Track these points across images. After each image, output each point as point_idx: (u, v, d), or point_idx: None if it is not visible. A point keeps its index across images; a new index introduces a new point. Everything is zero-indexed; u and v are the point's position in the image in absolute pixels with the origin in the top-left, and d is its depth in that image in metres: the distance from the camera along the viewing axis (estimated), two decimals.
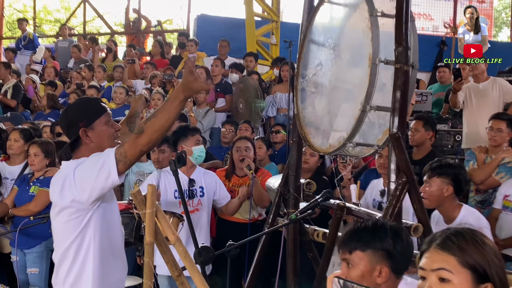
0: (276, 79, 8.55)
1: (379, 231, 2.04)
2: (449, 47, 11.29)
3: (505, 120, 4.83)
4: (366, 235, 2.04)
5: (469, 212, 3.58)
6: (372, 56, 2.70)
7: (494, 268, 1.54)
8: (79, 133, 2.55)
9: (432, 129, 5.16)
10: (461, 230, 1.61)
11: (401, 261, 2.03)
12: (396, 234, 2.04)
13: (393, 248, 2.01)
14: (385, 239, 2.02)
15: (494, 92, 6.25)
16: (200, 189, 4.23)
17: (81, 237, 2.51)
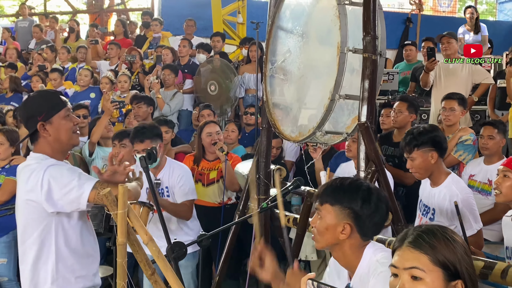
0: (244, 59, 8.49)
1: (352, 190, 2.10)
2: (414, 24, 11.38)
3: (456, 99, 4.93)
4: (338, 191, 2.11)
5: (455, 180, 3.56)
6: (341, 45, 2.69)
7: (464, 264, 1.57)
8: (37, 127, 2.57)
9: (415, 112, 5.23)
10: (432, 228, 1.64)
11: (368, 224, 2.08)
12: (366, 197, 2.09)
13: (360, 209, 2.06)
14: (355, 199, 2.08)
15: (464, 72, 6.34)
16: (166, 189, 4.17)
17: (45, 232, 2.51)
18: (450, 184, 3.45)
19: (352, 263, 2.10)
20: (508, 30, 12.47)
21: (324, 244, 2.13)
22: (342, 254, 2.11)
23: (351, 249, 2.09)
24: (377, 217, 2.09)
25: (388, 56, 9.57)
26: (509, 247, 3.00)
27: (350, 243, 2.08)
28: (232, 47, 9.97)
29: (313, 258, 4.74)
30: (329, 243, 2.11)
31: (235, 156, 4.96)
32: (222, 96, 7.49)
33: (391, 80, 7.42)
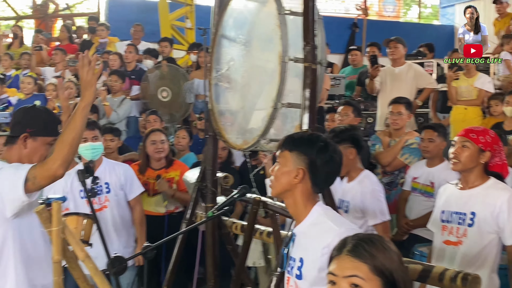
0: (194, 65, 8.46)
1: (311, 140, 2.23)
2: (360, 29, 11.57)
3: (403, 104, 5.08)
4: (298, 139, 2.24)
5: (368, 175, 3.85)
6: (282, 55, 2.72)
7: (400, 273, 1.61)
8: (19, 135, 2.61)
9: (360, 116, 5.35)
10: (370, 236, 1.67)
11: (321, 173, 2.20)
12: (323, 147, 2.21)
13: (316, 158, 2.18)
14: (312, 147, 2.20)
15: (408, 76, 6.51)
16: (106, 185, 4.13)
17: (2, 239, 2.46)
18: (363, 179, 3.79)
19: (300, 213, 2.23)
20: (450, 33, 12.87)
21: (279, 189, 2.24)
22: (293, 201, 2.24)
23: (301, 197, 2.21)
24: (330, 167, 2.21)
25: (334, 61, 9.75)
26: (445, 210, 3.21)
27: (301, 190, 2.21)
28: (181, 52, 9.92)
29: (260, 264, 4.77)
30: (283, 188, 2.22)
31: (182, 164, 4.93)
32: (175, 103, 7.44)
33: (338, 85, 7.55)
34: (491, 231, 3.01)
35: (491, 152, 3.09)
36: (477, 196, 3.08)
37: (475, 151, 3.08)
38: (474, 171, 3.11)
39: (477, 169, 3.11)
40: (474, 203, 3.06)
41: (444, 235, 3.19)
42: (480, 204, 3.04)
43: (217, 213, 3.22)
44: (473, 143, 3.08)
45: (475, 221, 3.04)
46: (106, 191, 4.11)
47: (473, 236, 3.04)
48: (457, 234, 3.10)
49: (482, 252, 3.03)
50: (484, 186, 3.10)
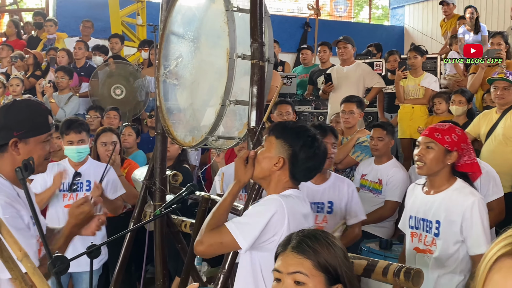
0: (145, 62, 8.36)
1: (299, 132, 2.25)
2: (312, 29, 11.69)
3: (354, 102, 5.16)
4: (287, 128, 2.27)
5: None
6: (230, 51, 2.71)
7: (344, 268, 1.63)
8: (8, 141, 2.22)
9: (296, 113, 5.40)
10: (314, 233, 1.68)
11: (300, 166, 2.22)
12: (309, 142, 2.22)
13: (299, 151, 2.21)
14: (298, 140, 2.22)
15: (356, 76, 6.62)
16: (87, 183, 4.05)
17: None
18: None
19: None
20: (399, 34, 13.14)
21: (258, 173, 2.25)
22: (267, 187, 2.28)
23: (276, 184, 2.24)
24: (311, 163, 2.23)
25: (287, 59, 9.82)
26: (413, 216, 3.00)
27: (277, 178, 2.24)
28: (133, 49, 9.78)
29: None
30: (263, 174, 2.24)
31: (132, 162, 4.86)
32: (128, 101, 7.32)
33: (290, 84, 7.60)
34: (457, 240, 2.80)
35: (459, 152, 2.82)
36: (441, 203, 2.84)
37: (440, 152, 2.81)
38: (440, 174, 2.86)
39: (444, 171, 2.86)
40: (439, 210, 2.83)
41: (414, 241, 2.98)
42: (443, 211, 2.81)
43: (165, 211, 3.19)
44: (438, 143, 2.81)
45: (440, 231, 2.82)
46: (86, 189, 4.03)
47: (441, 246, 2.84)
48: (425, 242, 2.90)
49: (453, 259, 2.83)
50: (449, 190, 2.85)
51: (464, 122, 5.18)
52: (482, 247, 2.70)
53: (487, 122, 4.90)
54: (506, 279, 0.90)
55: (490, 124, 4.89)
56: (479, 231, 2.73)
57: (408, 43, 11.22)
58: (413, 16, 13.16)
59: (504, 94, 4.77)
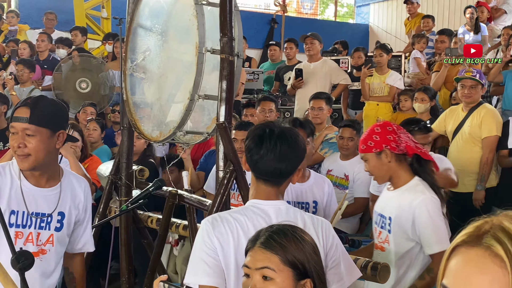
0: (110, 56, 8.23)
1: (281, 134, 2.05)
2: (279, 25, 11.71)
3: (323, 99, 5.19)
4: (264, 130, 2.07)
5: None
6: (199, 45, 2.69)
7: (313, 263, 1.63)
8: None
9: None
10: (283, 228, 1.68)
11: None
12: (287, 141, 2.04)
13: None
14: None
15: (323, 72, 6.67)
16: None
17: None
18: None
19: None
20: (364, 32, 13.28)
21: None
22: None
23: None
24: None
25: (253, 55, 9.81)
26: (376, 211, 2.98)
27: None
28: (97, 42, 9.62)
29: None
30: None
31: (96, 158, 4.78)
32: (95, 95, 7.19)
33: (256, 80, 7.60)
34: (408, 238, 2.75)
35: (389, 144, 2.75)
36: (395, 200, 2.82)
37: (374, 159, 2.78)
38: (398, 173, 2.80)
39: (397, 170, 2.79)
40: (392, 207, 2.81)
41: (375, 236, 2.99)
42: (396, 209, 2.79)
43: (131, 207, 3.16)
44: (367, 153, 2.80)
45: (392, 228, 2.80)
46: None
47: (393, 243, 2.81)
48: (380, 238, 2.91)
49: (407, 256, 2.79)
50: (403, 188, 2.81)
51: (428, 119, 5.27)
52: (433, 247, 2.67)
53: (454, 120, 4.99)
54: (461, 266, 0.96)
55: (457, 121, 4.98)
56: (429, 230, 2.69)
57: (373, 41, 11.37)
58: (378, 14, 13.32)
59: (471, 92, 4.85)
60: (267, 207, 2.03)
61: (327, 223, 2.08)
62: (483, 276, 0.92)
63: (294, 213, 2.06)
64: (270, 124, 2.09)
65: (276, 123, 2.12)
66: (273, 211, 2.03)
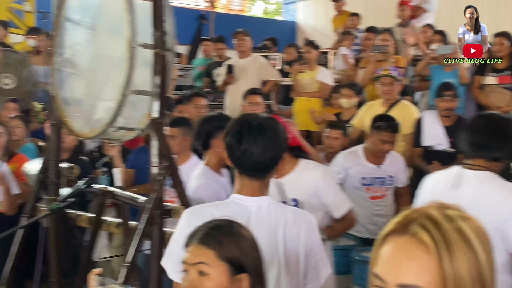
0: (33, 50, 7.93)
1: (259, 127, 2.01)
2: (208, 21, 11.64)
3: (259, 94, 5.25)
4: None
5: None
6: (130, 40, 2.65)
7: (250, 259, 1.65)
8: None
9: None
10: (220, 223, 1.69)
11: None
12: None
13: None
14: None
15: (253, 68, 6.71)
16: None
17: None
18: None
19: None
20: (292, 29, 13.46)
21: None
22: None
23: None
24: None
25: (182, 51, 9.71)
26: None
27: None
28: (19, 37, 9.23)
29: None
30: None
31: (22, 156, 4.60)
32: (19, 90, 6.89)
33: (186, 76, 7.56)
34: (316, 209, 2.95)
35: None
36: (293, 182, 2.97)
37: None
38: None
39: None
40: (293, 189, 2.95)
41: None
42: (298, 189, 2.97)
43: (60, 206, 3.07)
44: None
45: (300, 207, 2.93)
46: None
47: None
48: None
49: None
50: (297, 170, 3.05)
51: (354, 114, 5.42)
52: (346, 204, 3.19)
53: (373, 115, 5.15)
54: (390, 254, 1.00)
55: None
56: (337, 192, 3.18)
57: (301, 38, 11.53)
58: (306, 11, 13.54)
59: (390, 89, 5.07)
60: (248, 203, 2.01)
61: (311, 220, 2.07)
62: (411, 263, 0.97)
63: (276, 209, 2.04)
64: (247, 117, 2.05)
65: (253, 115, 2.10)
66: (254, 208, 2.00)
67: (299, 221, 2.03)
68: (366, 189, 4.33)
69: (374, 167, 4.32)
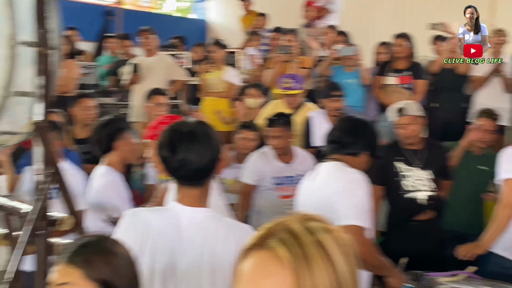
0: None
1: (190, 134, 1.97)
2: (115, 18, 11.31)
3: (164, 94, 5.12)
4: None
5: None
6: (11, 37, 2.45)
7: (124, 278, 1.54)
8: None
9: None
10: (90, 240, 1.58)
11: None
12: None
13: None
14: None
15: (159, 68, 6.55)
16: None
17: None
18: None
19: None
20: (203, 27, 13.35)
21: None
22: None
23: None
24: None
25: (88, 48, 9.37)
26: None
27: None
28: None
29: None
30: None
31: None
32: None
33: (90, 74, 7.27)
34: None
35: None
36: None
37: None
38: None
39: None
40: None
41: None
42: None
43: None
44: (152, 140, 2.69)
45: None
46: None
47: None
48: None
49: None
50: None
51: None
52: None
53: None
54: (249, 270, 0.97)
55: None
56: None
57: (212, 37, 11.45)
58: (216, 10, 13.46)
59: (293, 99, 5.13)
60: (185, 213, 1.96)
61: (246, 233, 1.96)
62: (269, 279, 0.94)
63: (210, 223, 1.97)
64: (176, 127, 2.00)
65: (181, 123, 2.04)
66: (188, 219, 1.95)
67: (232, 235, 1.96)
68: (276, 188, 4.33)
69: (284, 165, 4.33)
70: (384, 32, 8.61)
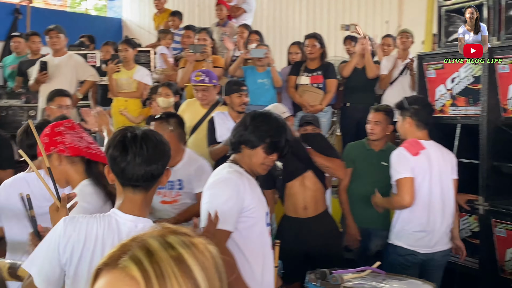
0: None
1: (144, 136, 2.00)
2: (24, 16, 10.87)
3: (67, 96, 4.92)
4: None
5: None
6: None
7: None
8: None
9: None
10: None
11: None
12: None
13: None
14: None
15: (68, 67, 6.33)
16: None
17: None
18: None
19: None
20: (117, 26, 13.05)
21: None
22: None
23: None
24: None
25: None
26: None
27: None
28: None
29: None
30: None
31: None
32: None
33: None
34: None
35: (56, 146, 2.47)
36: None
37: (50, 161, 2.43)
38: (71, 176, 2.51)
39: (71, 172, 2.50)
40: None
41: None
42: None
43: None
44: (39, 156, 2.53)
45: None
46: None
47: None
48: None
49: None
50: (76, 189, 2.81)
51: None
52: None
53: (193, 115, 5.11)
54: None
55: (197, 117, 5.12)
56: None
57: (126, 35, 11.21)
58: (131, 8, 13.20)
59: (205, 95, 5.07)
60: (125, 221, 1.95)
61: None
62: None
63: None
64: (129, 129, 2.00)
65: (132, 127, 2.03)
66: (127, 228, 1.94)
67: None
68: (157, 192, 4.01)
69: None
70: (299, 32, 8.74)
